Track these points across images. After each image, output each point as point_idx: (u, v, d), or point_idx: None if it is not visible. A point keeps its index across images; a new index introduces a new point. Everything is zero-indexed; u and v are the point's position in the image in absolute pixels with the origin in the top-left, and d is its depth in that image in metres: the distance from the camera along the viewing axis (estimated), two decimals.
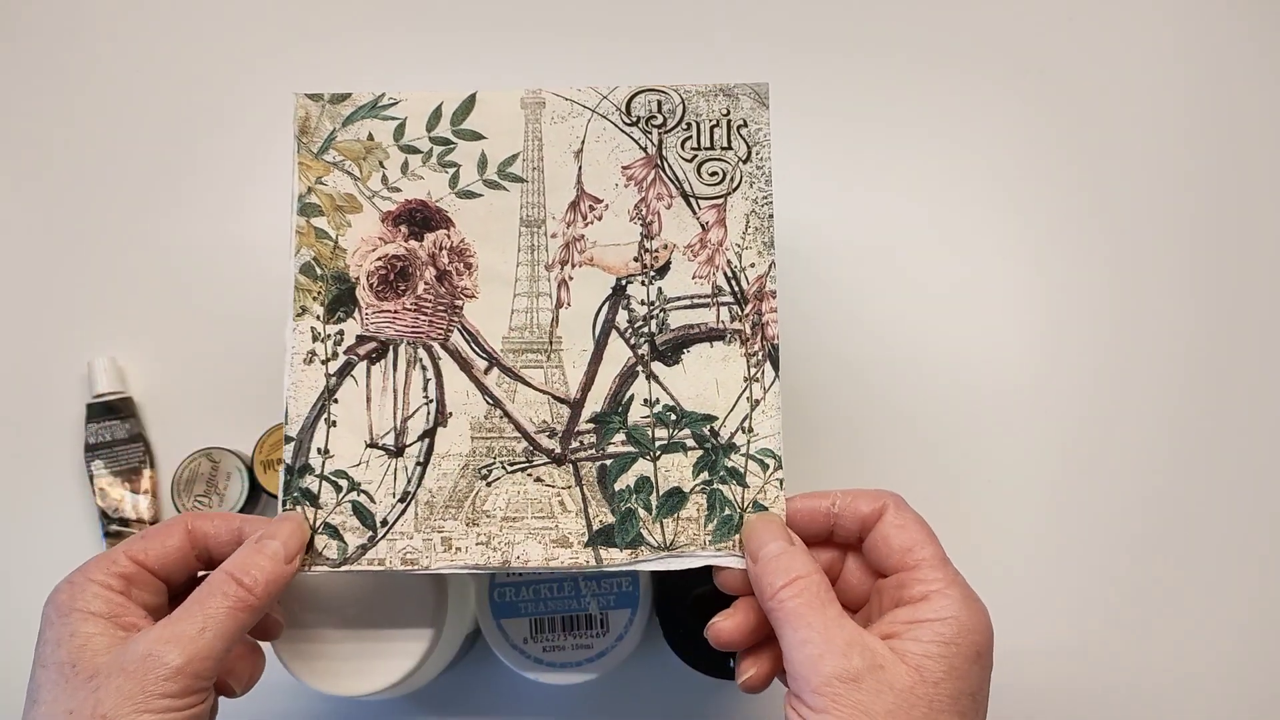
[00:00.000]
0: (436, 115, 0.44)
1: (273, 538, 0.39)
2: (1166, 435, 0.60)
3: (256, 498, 0.58)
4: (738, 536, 0.41)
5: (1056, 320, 0.62)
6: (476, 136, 0.44)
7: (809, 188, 0.62)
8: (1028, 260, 0.63)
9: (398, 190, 0.44)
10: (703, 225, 0.43)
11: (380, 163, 0.44)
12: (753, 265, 0.43)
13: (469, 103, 0.44)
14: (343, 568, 0.41)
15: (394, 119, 0.44)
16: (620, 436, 0.42)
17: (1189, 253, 0.63)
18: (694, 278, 0.43)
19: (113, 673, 0.35)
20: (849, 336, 0.61)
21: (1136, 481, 0.60)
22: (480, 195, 0.44)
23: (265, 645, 0.43)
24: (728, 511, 0.42)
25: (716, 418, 0.42)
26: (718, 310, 0.43)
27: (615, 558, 0.42)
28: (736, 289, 0.43)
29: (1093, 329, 0.62)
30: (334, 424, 0.42)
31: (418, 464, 0.42)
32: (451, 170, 0.44)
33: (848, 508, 0.40)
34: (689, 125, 0.44)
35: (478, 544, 0.42)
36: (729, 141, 0.44)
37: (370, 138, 0.44)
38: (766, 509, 0.42)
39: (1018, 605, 0.57)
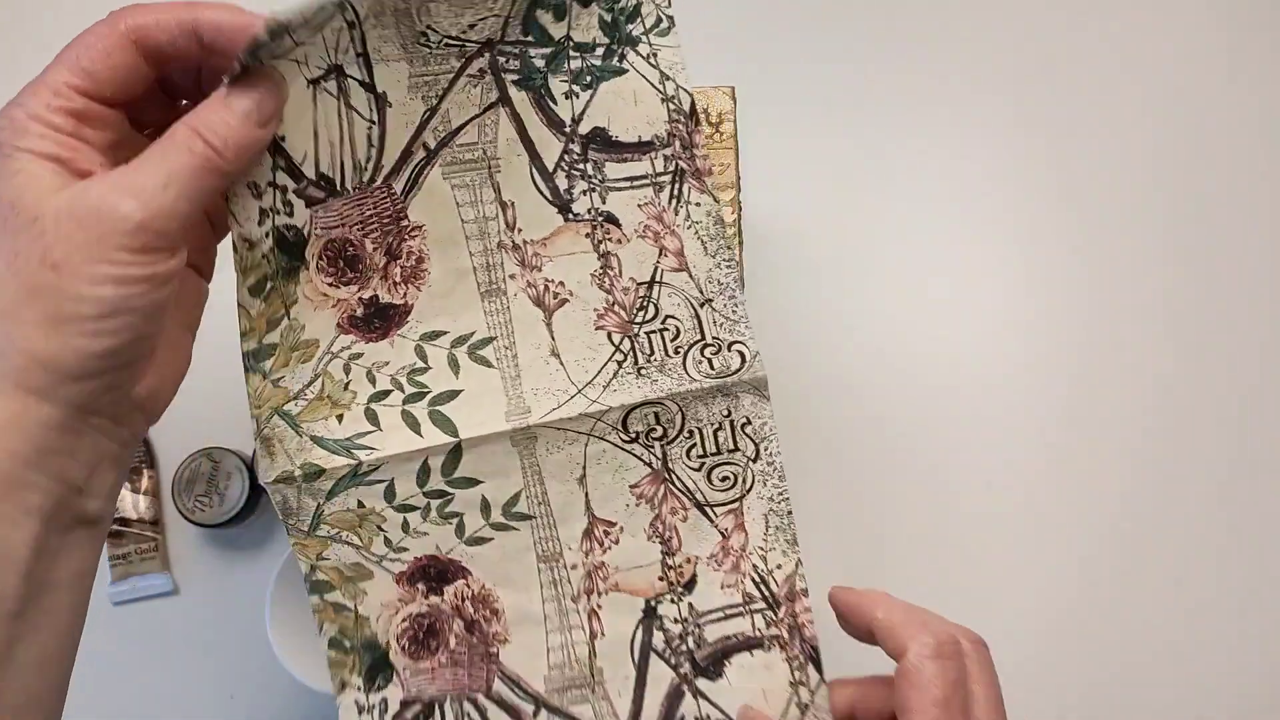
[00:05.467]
0: (425, 471, 0.41)
1: (244, 96, 0.34)
2: (1148, 433, 0.62)
3: (257, 498, 0.59)
4: None
5: (1045, 317, 0.62)
6: (472, 483, 0.41)
7: (795, 185, 0.61)
8: (1020, 258, 0.62)
9: (404, 550, 0.42)
10: (722, 533, 0.42)
11: (378, 527, 0.41)
12: (779, 566, 0.42)
13: (455, 453, 0.41)
14: None
15: (380, 482, 0.41)
16: None
17: (1178, 253, 0.61)
18: (722, 588, 0.42)
19: (61, 219, 0.31)
20: (829, 337, 0.61)
21: (1116, 480, 0.62)
22: (490, 539, 0.42)
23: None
24: None
25: None
26: (752, 618, 0.43)
27: None
28: (767, 593, 0.42)
29: (1079, 329, 0.62)
30: None
31: None
32: (455, 520, 0.41)
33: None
34: (691, 433, 0.41)
35: None
36: (735, 443, 0.41)
37: (360, 505, 0.41)
38: None
39: (993, 598, 0.61)
